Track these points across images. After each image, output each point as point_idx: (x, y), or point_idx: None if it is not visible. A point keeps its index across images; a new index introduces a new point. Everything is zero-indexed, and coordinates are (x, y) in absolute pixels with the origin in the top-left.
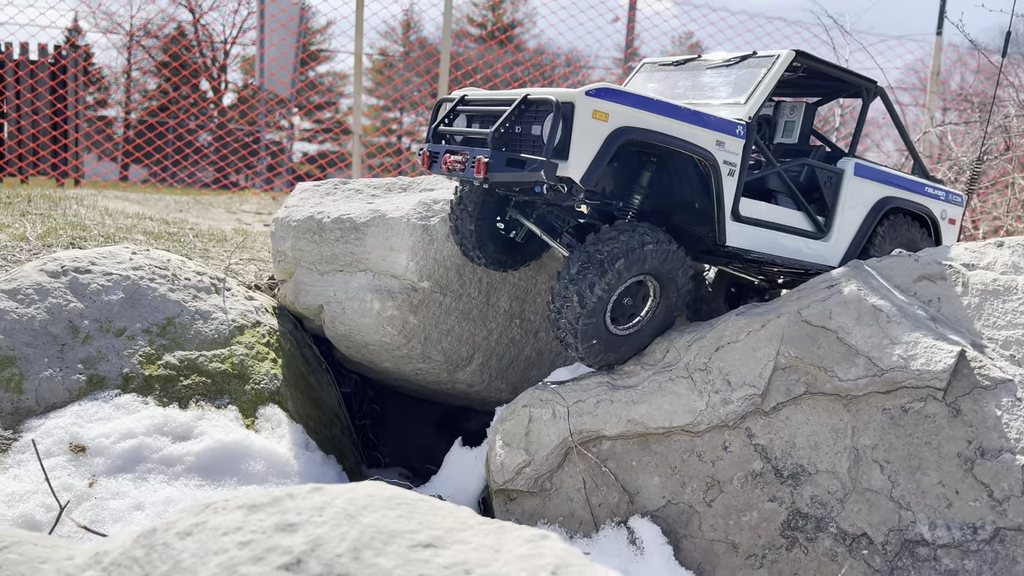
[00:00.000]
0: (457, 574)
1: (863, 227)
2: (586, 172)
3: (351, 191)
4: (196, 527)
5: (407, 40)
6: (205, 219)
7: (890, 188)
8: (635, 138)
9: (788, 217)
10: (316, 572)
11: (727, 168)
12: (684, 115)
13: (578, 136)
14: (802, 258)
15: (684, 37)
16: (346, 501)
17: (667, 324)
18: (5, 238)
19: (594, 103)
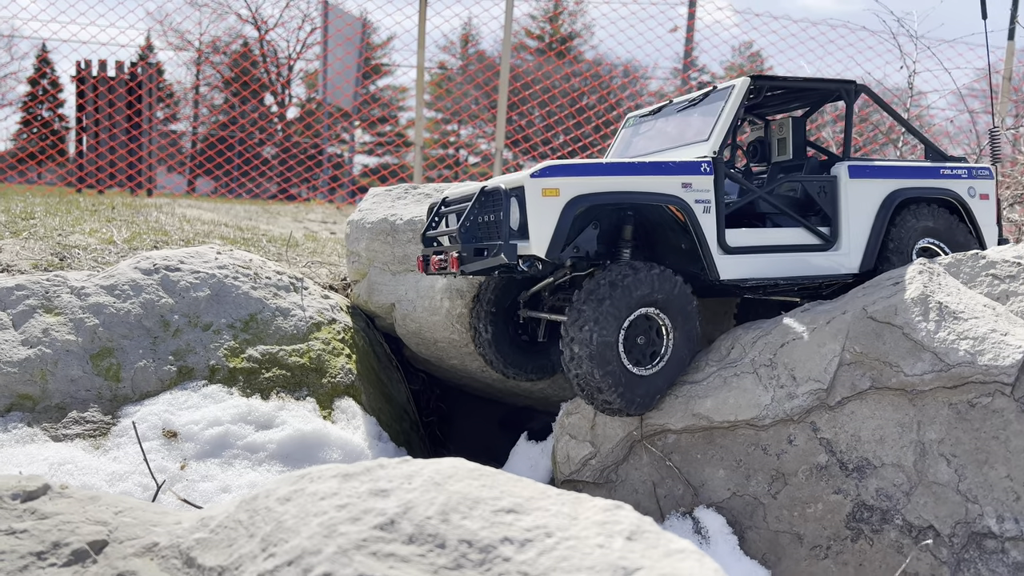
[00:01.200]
0: (538, 536)
1: (876, 227)
2: (549, 246)
3: (421, 195)
4: (295, 493)
5: (466, 53)
6: (275, 226)
7: (897, 181)
8: (594, 203)
9: (786, 236)
10: (408, 532)
11: (701, 207)
12: (637, 169)
13: (533, 215)
14: (812, 273)
15: (744, 46)
16: (433, 471)
17: (689, 357)
18: (95, 242)
19: (541, 183)
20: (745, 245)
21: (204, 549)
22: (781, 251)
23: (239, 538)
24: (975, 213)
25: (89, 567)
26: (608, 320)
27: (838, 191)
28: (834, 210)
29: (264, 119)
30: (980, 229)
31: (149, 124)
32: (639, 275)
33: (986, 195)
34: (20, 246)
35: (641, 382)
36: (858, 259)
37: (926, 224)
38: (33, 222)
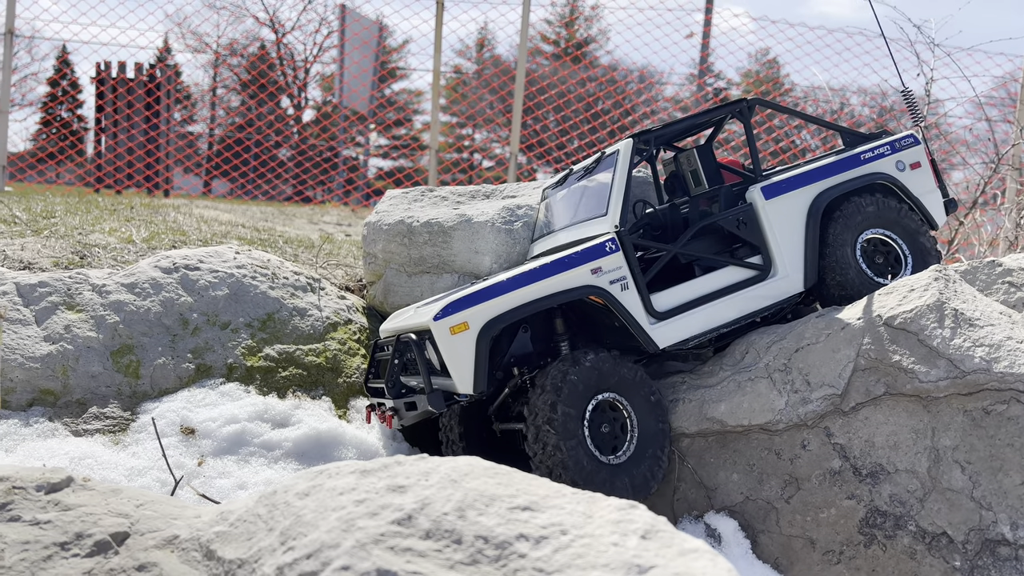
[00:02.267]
0: (553, 533)
1: (809, 239)
2: (474, 382)
3: (437, 198)
4: (314, 488)
5: (481, 58)
6: (291, 228)
7: (817, 185)
8: (508, 322)
9: (717, 281)
10: (425, 527)
11: (617, 286)
12: (541, 274)
13: (448, 357)
14: (756, 308)
15: (760, 53)
16: (449, 468)
17: (658, 439)
18: (114, 241)
19: (447, 323)
20: (677, 305)
21: (224, 542)
22: (716, 297)
23: (258, 531)
24: (910, 186)
25: (111, 558)
26: (563, 410)
27: (759, 217)
28: (760, 237)
29: (280, 122)
30: (920, 201)
31: (167, 125)
32: (591, 359)
33: (917, 164)
34: (41, 244)
35: (616, 470)
36: (799, 277)
37: (865, 215)
38: (53, 221)
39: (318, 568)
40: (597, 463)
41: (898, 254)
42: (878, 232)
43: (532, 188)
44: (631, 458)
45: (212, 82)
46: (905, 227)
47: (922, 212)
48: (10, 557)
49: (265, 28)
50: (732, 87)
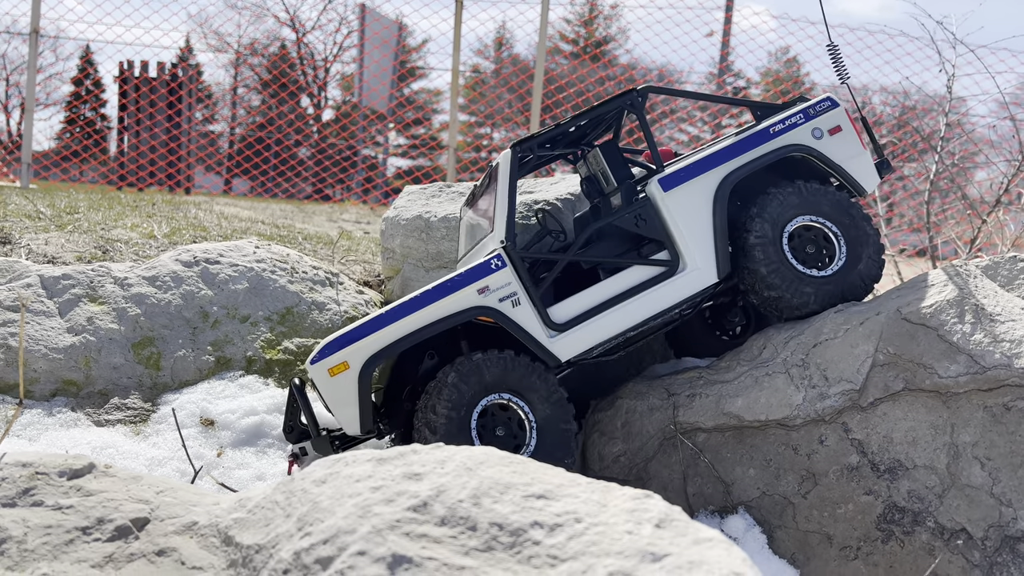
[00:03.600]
0: (568, 521)
1: (718, 226)
2: (360, 422)
3: (455, 193)
4: (331, 476)
5: (500, 56)
6: (310, 225)
7: (722, 168)
8: (392, 355)
9: (621, 282)
10: (441, 514)
11: (508, 303)
12: (423, 301)
13: (330, 398)
14: (668, 304)
15: (781, 51)
16: (465, 457)
17: (562, 440)
18: (136, 236)
19: (324, 364)
20: (578, 313)
21: (242, 528)
22: (622, 300)
23: (276, 518)
24: (830, 154)
25: (132, 543)
26: (450, 405)
27: (659, 210)
28: (664, 232)
29: (300, 121)
30: (843, 168)
31: (188, 124)
32: (484, 359)
33: (837, 128)
34: (65, 239)
35: None
36: (711, 268)
37: (783, 206)
38: (77, 216)
39: (334, 553)
40: None
41: (829, 238)
42: (805, 219)
43: (549, 184)
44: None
45: (233, 81)
46: (833, 208)
47: (846, 180)
48: (33, 541)
49: (286, 28)
50: (751, 86)
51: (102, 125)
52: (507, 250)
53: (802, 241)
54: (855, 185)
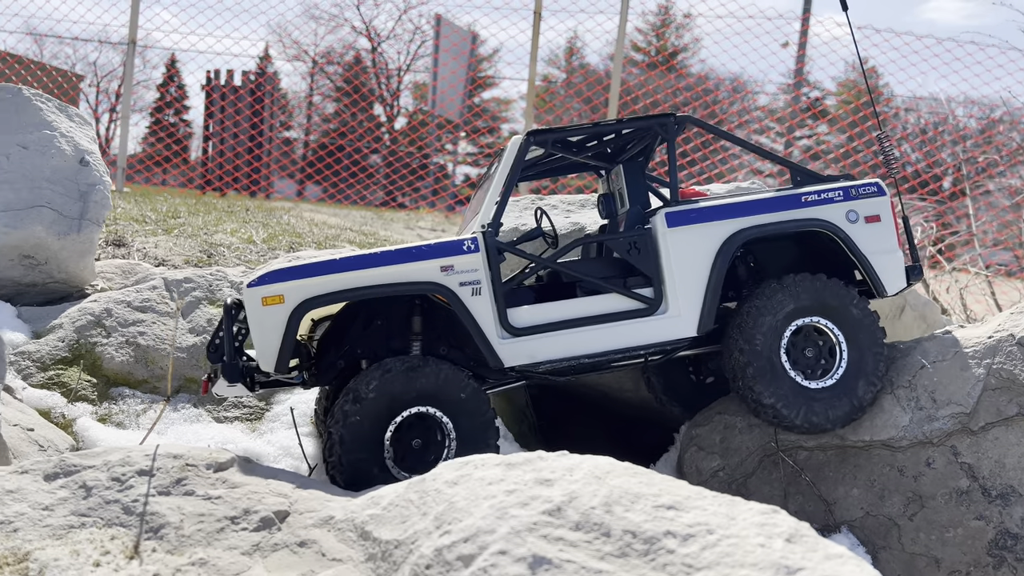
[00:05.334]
0: (700, 532)
1: (714, 280)
2: (277, 361)
3: (547, 206)
4: (462, 478)
5: (570, 66)
6: (390, 232)
7: (736, 220)
8: (330, 303)
9: (592, 306)
10: (575, 519)
11: (468, 289)
12: (382, 260)
13: (255, 327)
14: (631, 344)
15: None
16: (592, 465)
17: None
18: (236, 241)
19: (260, 292)
20: (536, 323)
21: (378, 524)
22: (586, 324)
23: (411, 516)
24: (859, 242)
25: (275, 533)
26: (358, 416)
27: (656, 244)
28: (655, 267)
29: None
30: (869, 260)
31: (270, 131)
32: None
33: (876, 217)
34: (172, 243)
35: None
36: (694, 320)
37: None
38: (180, 221)
39: (475, 551)
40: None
41: (833, 345)
42: (812, 320)
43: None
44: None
45: (309, 89)
46: (846, 314)
47: (869, 275)
48: (188, 527)
49: (361, 37)
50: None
51: (184, 131)
52: (485, 236)
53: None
54: (877, 283)
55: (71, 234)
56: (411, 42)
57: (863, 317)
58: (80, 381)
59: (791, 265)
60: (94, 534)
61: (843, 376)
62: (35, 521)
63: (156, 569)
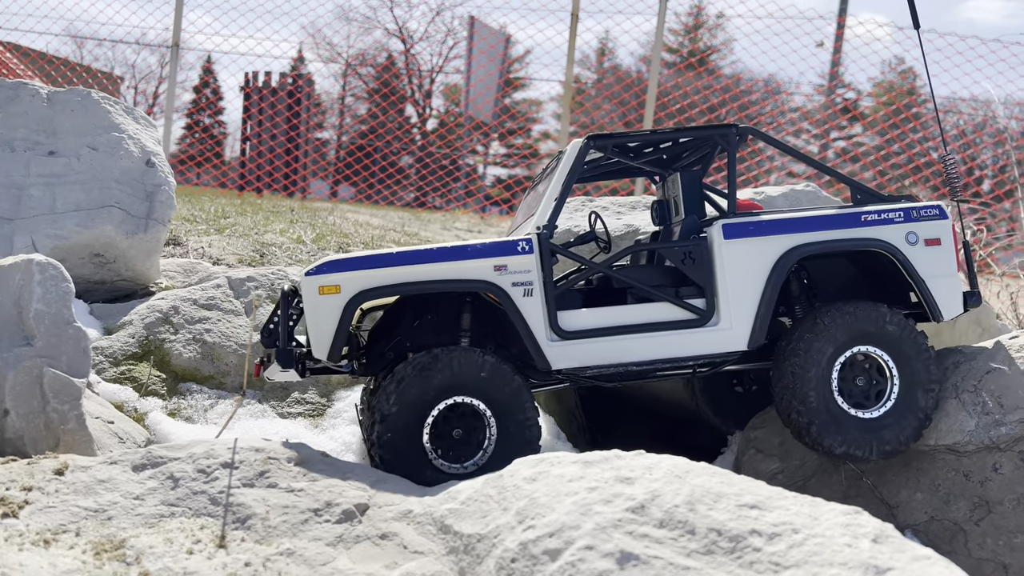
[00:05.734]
0: (785, 531)
1: (768, 291)
2: (330, 350)
3: (598, 207)
4: (540, 475)
5: (601, 67)
6: (429, 232)
7: (794, 236)
8: (385, 295)
9: (642, 314)
10: (658, 517)
11: (520, 290)
12: (437, 256)
13: (310, 316)
14: (680, 354)
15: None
16: (671, 464)
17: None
18: (286, 240)
19: (317, 280)
20: (586, 328)
21: (458, 518)
22: (635, 331)
23: (492, 510)
24: (917, 265)
25: (356, 526)
26: (400, 403)
27: (712, 255)
28: (708, 278)
29: (404, 129)
30: (926, 284)
31: (306, 132)
32: (451, 357)
33: (935, 240)
34: (225, 242)
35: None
36: (745, 334)
37: (847, 329)
38: (229, 221)
39: (561, 546)
40: (439, 472)
41: (884, 370)
42: (864, 348)
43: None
44: (485, 465)
45: (341, 91)
46: (901, 345)
47: (925, 298)
48: (274, 519)
49: (394, 39)
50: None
51: (219, 132)
52: (540, 237)
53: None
54: (933, 308)
55: (138, 233)
56: (443, 43)
57: (901, 331)
58: (150, 376)
59: (845, 285)
60: (184, 523)
61: (900, 394)
62: (127, 510)
63: (247, 558)
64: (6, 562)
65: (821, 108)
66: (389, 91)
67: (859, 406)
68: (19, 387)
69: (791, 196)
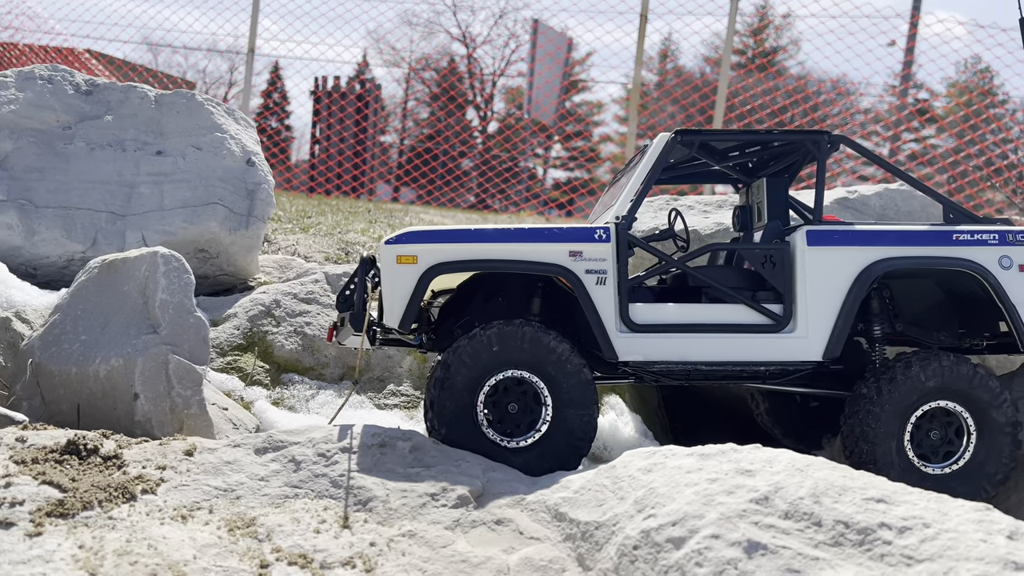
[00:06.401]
0: (916, 525)
1: (848, 304)
2: (402, 318)
3: (684, 206)
4: (655, 466)
5: (663, 69)
6: None
7: (880, 249)
8: (459, 270)
9: (717, 314)
10: (783, 508)
11: (593, 278)
12: (514, 236)
13: (387, 283)
14: (752, 358)
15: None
16: (791, 458)
17: (576, 443)
18: (368, 239)
19: (396, 250)
20: (658, 322)
21: (572, 506)
22: (708, 331)
23: (608, 499)
24: (1011, 291)
25: (472, 511)
26: (458, 377)
27: (793, 261)
28: (787, 284)
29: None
30: (1017, 311)
31: (374, 139)
32: (509, 331)
33: None
34: (311, 240)
35: (504, 454)
36: (821, 345)
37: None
38: (312, 220)
39: (685, 535)
40: (494, 446)
41: (960, 427)
42: (945, 403)
43: None
44: (538, 443)
45: (404, 95)
46: (978, 398)
47: (1016, 326)
48: (395, 501)
49: (456, 42)
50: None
51: (286, 135)
52: (618, 227)
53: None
54: (1021, 333)
55: (240, 230)
56: (505, 47)
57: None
58: (255, 367)
59: (928, 308)
60: (308, 504)
61: (974, 454)
62: (254, 490)
63: (371, 538)
64: (150, 534)
65: (894, 109)
66: (451, 95)
67: (927, 459)
68: (147, 373)
69: (885, 195)
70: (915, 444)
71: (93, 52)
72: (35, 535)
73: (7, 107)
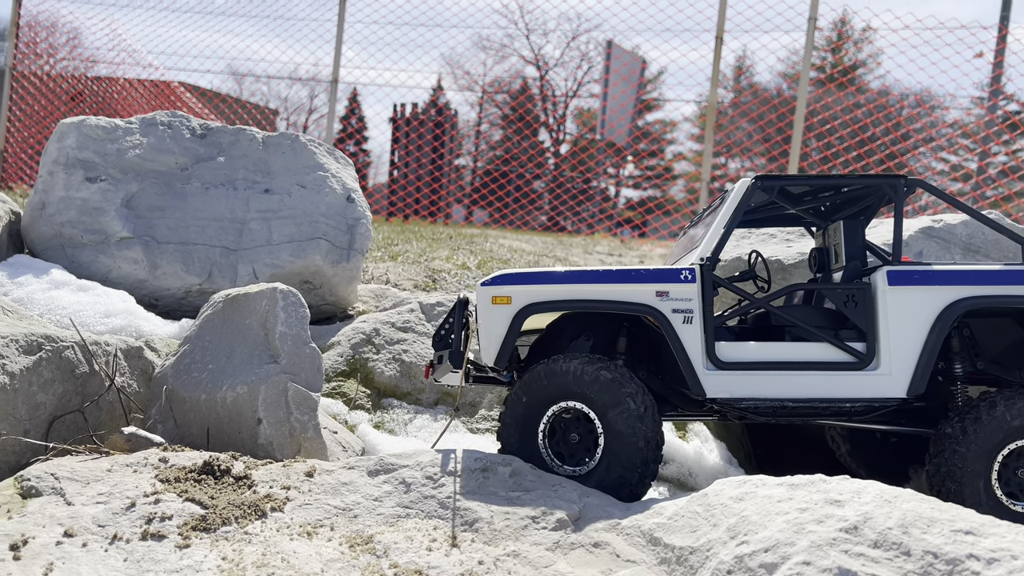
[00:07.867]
0: (1004, 557)
1: (931, 341)
2: (497, 356)
3: (765, 235)
4: (746, 495)
5: (738, 86)
6: (574, 256)
7: (963, 288)
8: (550, 309)
9: (801, 352)
10: (872, 538)
11: (680, 317)
12: (603, 277)
13: (482, 323)
14: (837, 395)
15: None
16: (879, 489)
17: (624, 475)
18: (452, 267)
19: (491, 291)
20: (744, 360)
21: (666, 532)
22: (794, 369)
23: (701, 526)
24: None
25: (570, 534)
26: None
27: (875, 301)
28: (870, 323)
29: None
30: None
31: (449, 160)
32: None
33: None
34: (401, 268)
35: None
36: (905, 382)
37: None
38: (398, 248)
39: (778, 561)
40: (551, 472)
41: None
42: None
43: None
44: (595, 470)
45: (477, 118)
46: None
47: None
48: (498, 523)
49: (529, 65)
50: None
51: (364, 160)
52: (703, 268)
53: None
54: None
55: (342, 263)
56: (578, 68)
57: None
58: (358, 392)
59: (1009, 347)
60: (419, 524)
61: None
62: (370, 510)
63: (479, 557)
64: (282, 549)
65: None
66: (524, 117)
67: (1015, 497)
68: (269, 400)
69: (971, 224)
70: (1003, 482)
71: (186, 85)
72: (184, 547)
73: (133, 151)
